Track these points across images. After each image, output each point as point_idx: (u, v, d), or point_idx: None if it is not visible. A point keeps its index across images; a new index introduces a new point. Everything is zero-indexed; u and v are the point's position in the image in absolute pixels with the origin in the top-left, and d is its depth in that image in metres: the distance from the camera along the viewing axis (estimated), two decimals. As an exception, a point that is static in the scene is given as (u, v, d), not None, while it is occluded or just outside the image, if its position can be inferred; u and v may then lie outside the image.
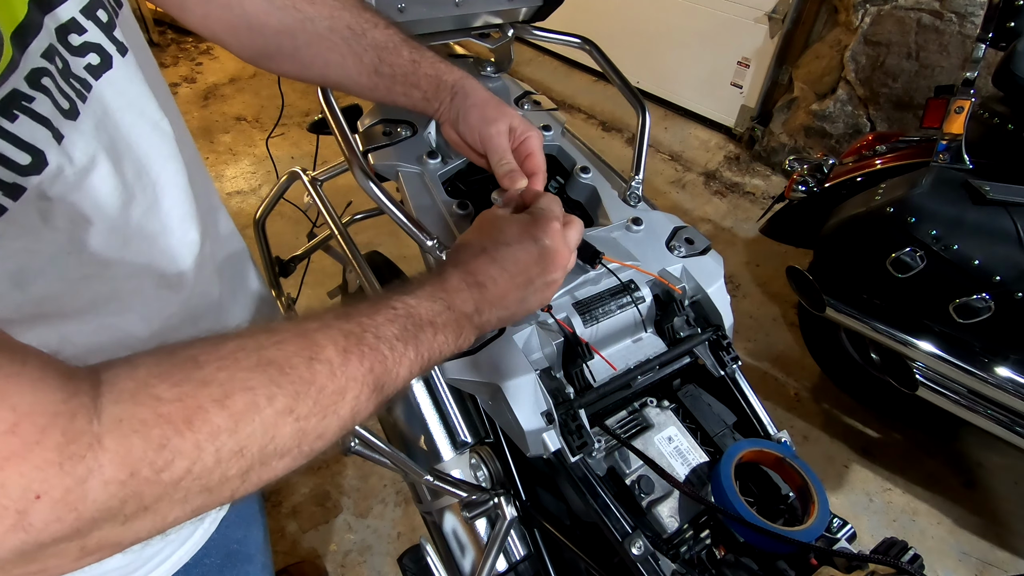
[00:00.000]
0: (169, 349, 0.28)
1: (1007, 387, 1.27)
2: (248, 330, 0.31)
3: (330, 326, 0.34)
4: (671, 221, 0.77)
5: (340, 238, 0.80)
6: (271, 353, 0.30)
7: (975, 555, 1.52)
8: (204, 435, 0.26)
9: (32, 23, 0.32)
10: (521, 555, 0.75)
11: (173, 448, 0.25)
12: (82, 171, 0.35)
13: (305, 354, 0.31)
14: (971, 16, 2.06)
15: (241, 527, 0.57)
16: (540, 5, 0.90)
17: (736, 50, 2.72)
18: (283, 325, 0.33)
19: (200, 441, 0.26)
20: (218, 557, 0.53)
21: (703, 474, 0.62)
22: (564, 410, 0.59)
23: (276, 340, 0.31)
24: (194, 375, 0.27)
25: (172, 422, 0.25)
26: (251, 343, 0.30)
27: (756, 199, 2.66)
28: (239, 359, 0.29)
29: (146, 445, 0.25)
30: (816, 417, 1.81)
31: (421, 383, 0.86)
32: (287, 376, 0.30)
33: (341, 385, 0.32)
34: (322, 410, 0.31)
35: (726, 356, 0.68)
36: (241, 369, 0.29)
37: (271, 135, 2.53)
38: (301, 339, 0.32)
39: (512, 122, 0.59)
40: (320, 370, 0.32)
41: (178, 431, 0.26)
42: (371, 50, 0.57)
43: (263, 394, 0.29)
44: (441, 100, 0.60)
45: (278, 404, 0.29)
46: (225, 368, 0.28)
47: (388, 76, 0.58)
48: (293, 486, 1.56)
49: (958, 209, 1.24)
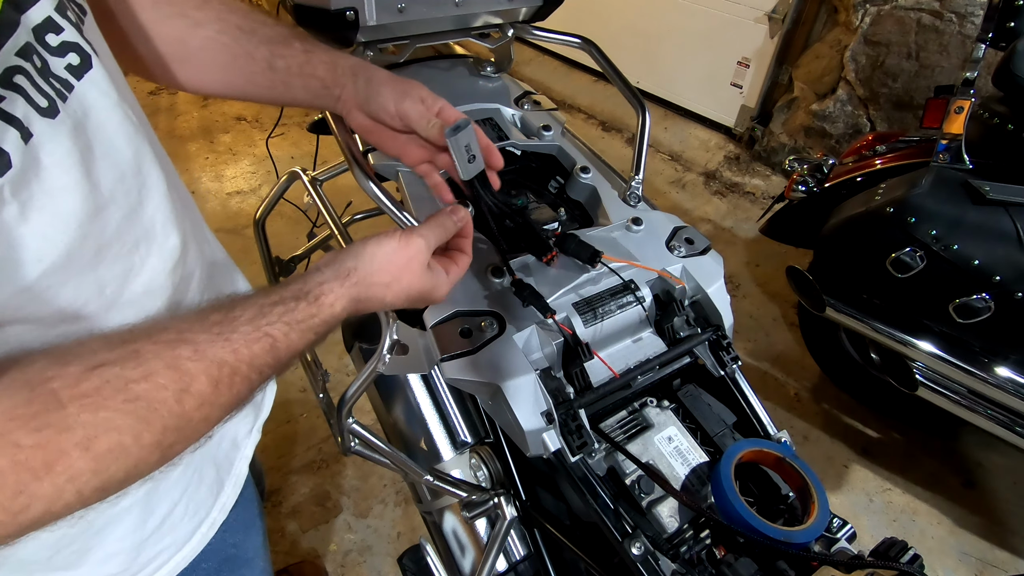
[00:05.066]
0: (25, 378, 0.27)
1: (1007, 387, 1.27)
2: (114, 354, 0.30)
3: (204, 355, 0.32)
4: (671, 221, 0.77)
5: (340, 238, 0.81)
6: (139, 388, 0.29)
7: (975, 555, 1.52)
8: (64, 479, 0.26)
9: (6, 22, 0.31)
10: (521, 555, 0.75)
11: (30, 494, 0.25)
12: (47, 174, 0.33)
13: (175, 387, 0.31)
14: (971, 16, 2.06)
15: (239, 531, 0.57)
16: (540, 5, 0.90)
17: (736, 50, 2.72)
18: (150, 349, 0.31)
19: (60, 484, 0.26)
20: (215, 562, 0.53)
21: (703, 474, 0.62)
22: (564, 410, 0.59)
23: (144, 373, 0.30)
24: (54, 417, 0.26)
25: (30, 468, 0.25)
26: (116, 377, 0.29)
27: (756, 199, 2.66)
28: (104, 396, 0.28)
29: (1, 493, 0.24)
30: (816, 417, 1.81)
31: (421, 383, 0.86)
32: (156, 412, 0.30)
33: (207, 414, 0.32)
34: (187, 438, 0.32)
35: (726, 356, 0.68)
36: (106, 409, 0.28)
37: (271, 135, 2.53)
38: (172, 372, 0.31)
39: (422, 92, 0.59)
40: (189, 403, 0.31)
41: (36, 477, 0.25)
42: (262, 46, 0.56)
43: (129, 434, 0.28)
44: (342, 84, 0.59)
45: (144, 441, 0.29)
46: (88, 408, 0.27)
47: (283, 70, 0.57)
48: (293, 486, 1.56)
49: (958, 209, 1.24)
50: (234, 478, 0.56)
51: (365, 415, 1.44)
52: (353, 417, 0.70)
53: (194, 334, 0.33)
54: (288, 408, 1.73)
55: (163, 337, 0.32)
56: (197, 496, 0.51)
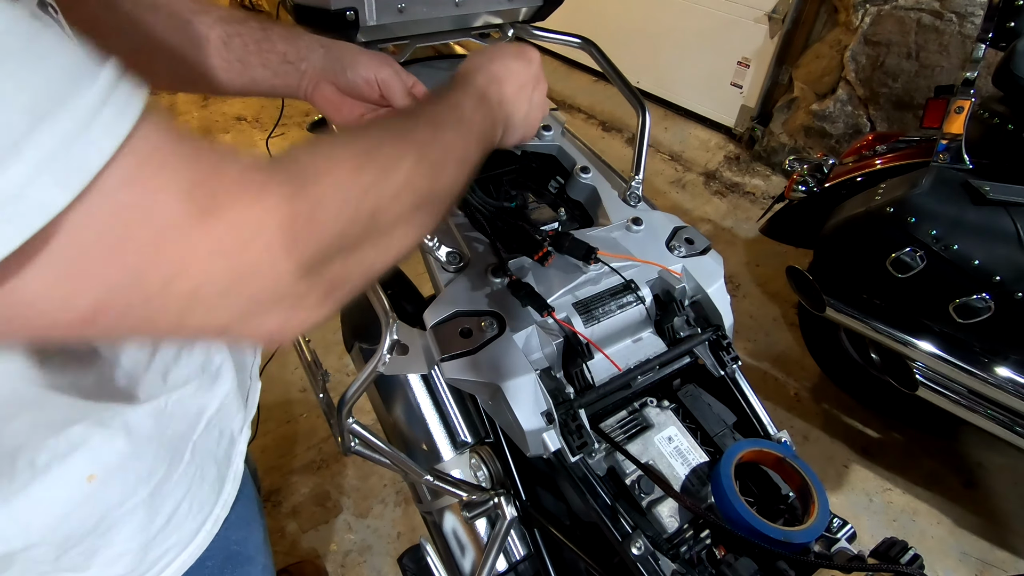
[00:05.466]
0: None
1: (1007, 387, 1.27)
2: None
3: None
4: (671, 221, 0.77)
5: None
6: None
7: (975, 555, 1.52)
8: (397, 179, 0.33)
9: None
10: (521, 555, 0.75)
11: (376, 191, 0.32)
12: None
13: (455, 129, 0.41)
14: (971, 16, 2.06)
15: (241, 528, 0.57)
16: (540, 5, 0.90)
17: (736, 50, 2.72)
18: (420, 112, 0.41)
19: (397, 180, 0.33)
20: (219, 559, 0.53)
21: (703, 474, 0.62)
22: (564, 410, 0.59)
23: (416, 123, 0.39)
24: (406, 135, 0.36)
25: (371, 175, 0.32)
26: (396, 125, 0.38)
27: (756, 199, 2.66)
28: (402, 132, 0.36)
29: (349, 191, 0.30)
30: (816, 417, 1.81)
31: (421, 383, 0.86)
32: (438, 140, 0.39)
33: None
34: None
35: (726, 356, 0.68)
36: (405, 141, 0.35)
37: (271, 135, 2.53)
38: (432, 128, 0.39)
39: (395, 65, 0.59)
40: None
41: (377, 181, 0.32)
42: (217, 25, 0.53)
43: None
44: (306, 57, 0.57)
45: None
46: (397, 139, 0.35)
47: (240, 48, 0.54)
48: (293, 486, 1.56)
49: (958, 209, 1.24)
50: (233, 474, 0.56)
51: (365, 415, 1.44)
52: (353, 417, 0.70)
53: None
54: (288, 408, 1.73)
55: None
56: (200, 494, 0.51)
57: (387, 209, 0.32)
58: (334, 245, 0.29)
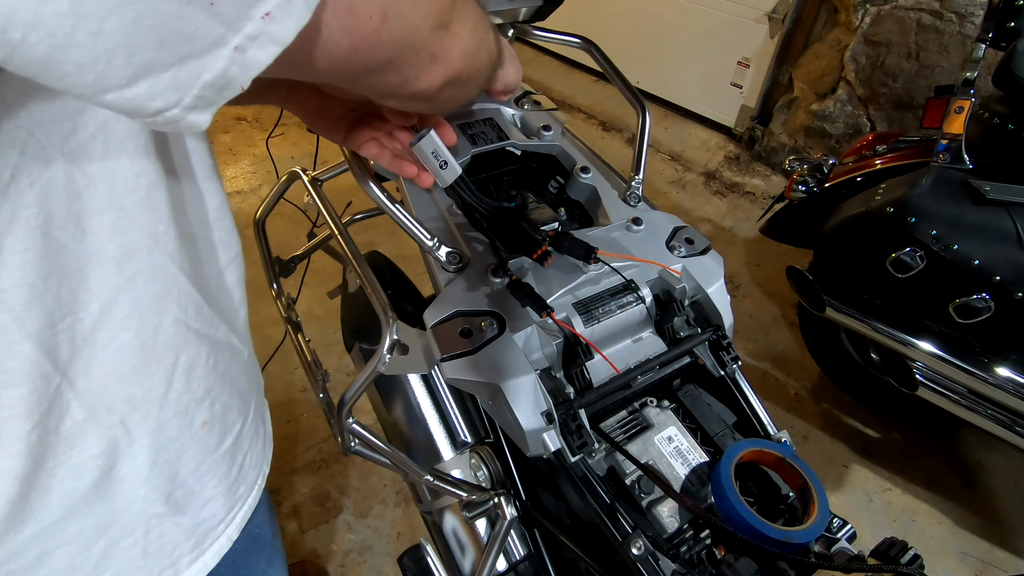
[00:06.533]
0: None
1: (1007, 387, 1.27)
2: None
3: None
4: (671, 221, 0.77)
5: (340, 238, 0.80)
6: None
7: (975, 555, 1.52)
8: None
9: None
10: (521, 555, 0.75)
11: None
12: None
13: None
14: (971, 16, 2.07)
15: (261, 511, 0.58)
16: (540, 5, 0.90)
17: (736, 50, 2.72)
18: None
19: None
20: (245, 541, 0.54)
21: (703, 474, 0.62)
22: (564, 410, 0.59)
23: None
24: None
25: None
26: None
27: (756, 199, 2.66)
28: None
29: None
30: (816, 417, 1.81)
31: (421, 383, 0.86)
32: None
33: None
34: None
35: (726, 356, 0.68)
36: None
37: (271, 135, 2.54)
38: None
39: None
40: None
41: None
42: None
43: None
44: None
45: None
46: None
47: None
48: (293, 486, 1.56)
49: (958, 209, 1.24)
50: (267, 434, 0.58)
51: (365, 415, 1.44)
52: (353, 417, 0.70)
53: None
54: (288, 408, 1.73)
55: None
56: (255, 450, 0.53)
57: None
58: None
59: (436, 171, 0.57)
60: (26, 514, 0.35)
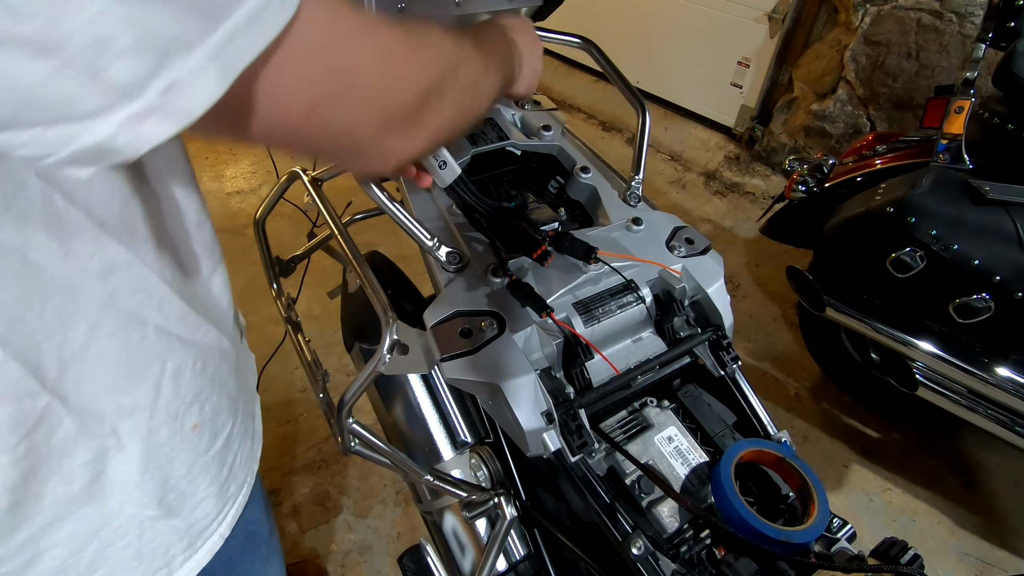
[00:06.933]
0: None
1: (1007, 387, 1.27)
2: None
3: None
4: (671, 221, 0.77)
5: (340, 238, 0.80)
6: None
7: (975, 555, 1.52)
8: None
9: None
10: (521, 555, 0.75)
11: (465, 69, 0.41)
12: None
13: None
14: (971, 16, 2.06)
15: (256, 509, 0.58)
16: (540, 5, 0.90)
17: (736, 50, 2.72)
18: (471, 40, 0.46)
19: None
20: (239, 538, 0.54)
21: (703, 474, 0.62)
22: (564, 410, 0.59)
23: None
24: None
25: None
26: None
27: (756, 199, 2.66)
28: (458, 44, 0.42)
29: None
30: (816, 417, 1.81)
31: (421, 383, 0.86)
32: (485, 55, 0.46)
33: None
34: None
35: (726, 356, 0.68)
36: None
37: (271, 135, 2.54)
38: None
39: None
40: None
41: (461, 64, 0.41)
42: None
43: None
44: None
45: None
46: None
47: None
48: (293, 486, 1.56)
49: (958, 209, 1.24)
50: (257, 432, 0.59)
51: (365, 415, 1.44)
52: (353, 417, 0.70)
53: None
54: (288, 408, 1.73)
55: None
56: (244, 449, 0.54)
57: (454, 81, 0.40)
58: (432, 89, 0.37)
59: (435, 171, 0.57)
60: (18, 521, 0.35)
